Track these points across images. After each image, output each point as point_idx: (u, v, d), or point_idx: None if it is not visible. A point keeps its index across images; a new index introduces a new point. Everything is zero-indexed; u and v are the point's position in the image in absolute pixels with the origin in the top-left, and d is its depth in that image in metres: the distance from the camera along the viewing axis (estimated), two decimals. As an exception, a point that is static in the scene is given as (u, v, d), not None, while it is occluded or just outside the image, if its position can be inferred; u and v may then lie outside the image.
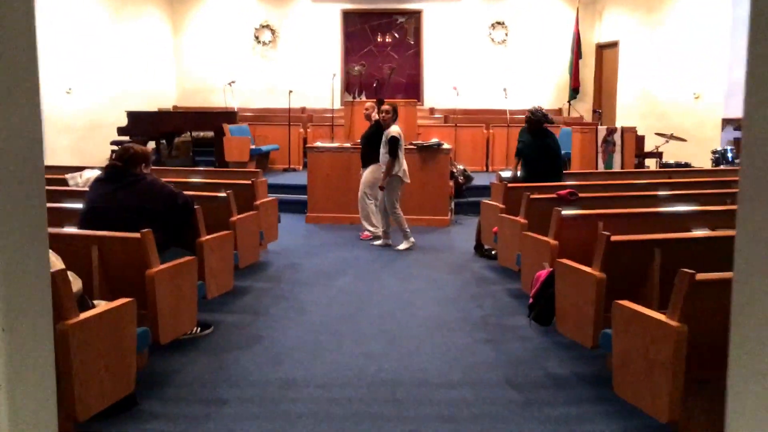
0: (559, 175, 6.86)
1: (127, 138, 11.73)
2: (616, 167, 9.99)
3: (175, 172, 7.61)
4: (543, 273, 4.23)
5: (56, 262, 3.01)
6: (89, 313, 2.79)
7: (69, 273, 3.05)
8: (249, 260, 5.66)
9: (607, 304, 3.57)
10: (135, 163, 4.32)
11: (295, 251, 7.43)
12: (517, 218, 5.51)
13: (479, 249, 7.28)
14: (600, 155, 9.98)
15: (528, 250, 4.97)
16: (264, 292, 5.78)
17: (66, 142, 11.65)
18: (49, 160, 11.15)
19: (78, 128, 11.97)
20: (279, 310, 5.29)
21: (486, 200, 6.75)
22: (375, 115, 8.11)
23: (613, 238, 3.67)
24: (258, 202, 6.36)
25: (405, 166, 7.57)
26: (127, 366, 3.02)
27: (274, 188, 10.04)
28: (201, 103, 14.93)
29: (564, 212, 4.61)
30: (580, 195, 5.60)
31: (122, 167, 4.27)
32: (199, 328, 4.62)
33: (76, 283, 3.07)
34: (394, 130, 7.44)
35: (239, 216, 5.51)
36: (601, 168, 9.96)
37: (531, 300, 4.28)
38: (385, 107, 7.59)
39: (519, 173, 7.12)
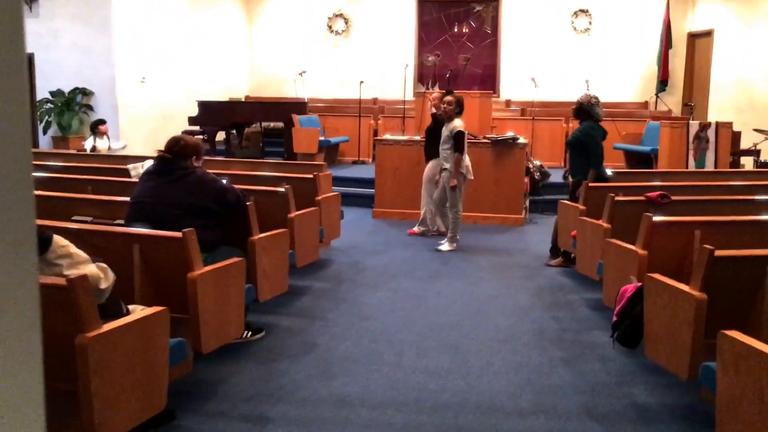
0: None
1: (197, 128, 11.71)
2: (709, 166, 9.19)
3: (237, 164, 7.40)
4: (630, 288, 3.72)
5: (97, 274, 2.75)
6: (113, 325, 2.51)
7: (99, 266, 2.79)
8: (307, 259, 5.35)
9: (707, 329, 3.05)
10: (185, 156, 4.06)
11: (359, 249, 7.10)
12: (600, 222, 4.98)
13: (555, 252, 6.76)
14: (691, 153, 9.21)
15: (612, 259, 4.45)
16: (323, 294, 5.46)
17: (139, 132, 11.71)
18: (123, 149, 11.27)
19: (151, 118, 12.01)
20: (337, 315, 4.95)
21: (564, 200, 6.21)
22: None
23: (718, 252, 3.13)
24: (320, 198, 6.04)
25: (468, 161, 7.12)
26: (158, 382, 2.73)
27: (341, 181, 9.77)
28: (273, 94, 14.82)
29: (655, 218, 4.07)
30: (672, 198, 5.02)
31: (172, 159, 4.01)
32: (250, 333, 4.34)
33: (106, 279, 2.80)
34: (459, 123, 6.99)
35: (298, 213, 5.20)
36: (692, 167, 9.19)
37: (615, 318, 3.78)
38: (448, 98, 7.13)
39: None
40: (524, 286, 5.77)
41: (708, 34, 13.13)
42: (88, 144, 10.02)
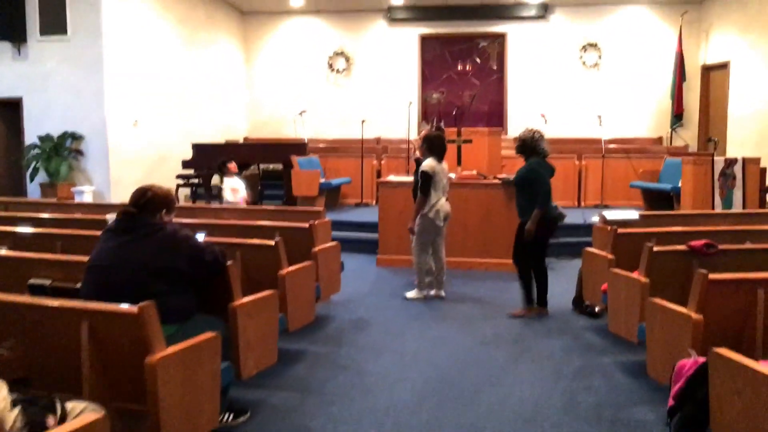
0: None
1: (191, 171, 11.18)
2: (737, 205, 8.56)
3: (224, 212, 6.82)
4: (688, 364, 3.07)
5: None
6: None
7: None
8: (301, 322, 4.71)
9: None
10: (153, 209, 3.46)
11: (362, 303, 6.45)
12: (636, 276, 4.34)
13: (579, 304, 6.10)
14: (717, 191, 8.59)
15: (657, 323, 3.79)
16: (320, 360, 4.80)
17: (132, 176, 11.17)
18: (114, 195, 10.72)
19: (145, 161, 11.49)
20: (335, 387, 4.29)
21: (590, 249, 5.56)
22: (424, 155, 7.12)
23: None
24: (317, 249, 5.43)
25: (441, 206, 6.47)
26: None
27: (342, 226, 9.17)
28: (272, 135, 14.35)
29: (711, 276, 3.42)
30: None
31: (136, 214, 3.41)
32: (231, 415, 3.68)
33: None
34: (426, 163, 6.45)
35: (290, 269, 4.58)
36: (718, 206, 8.56)
37: (672, 401, 3.11)
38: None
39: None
40: (548, 347, 5.09)
41: (723, 66, 12.64)
42: (217, 183, 9.61)
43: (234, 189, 8.51)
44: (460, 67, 14.51)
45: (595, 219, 9.79)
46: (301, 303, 4.67)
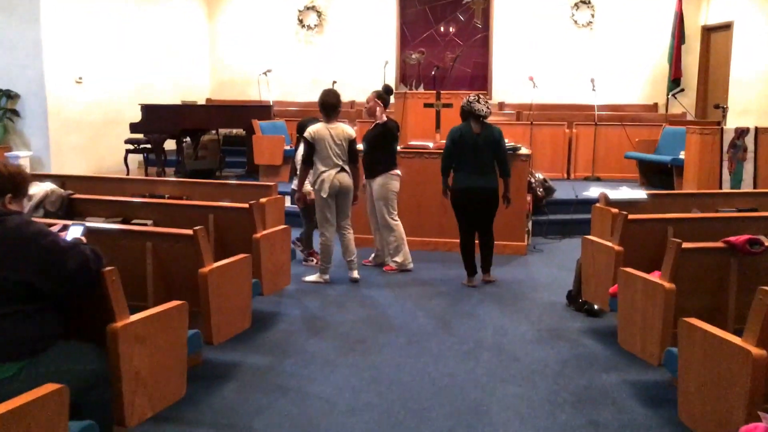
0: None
1: (141, 136, 10.04)
2: (747, 180, 7.65)
3: (135, 183, 5.79)
4: (760, 429, 2.12)
5: None
6: None
7: None
8: (226, 335, 3.70)
9: None
10: (-8, 194, 2.43)
11: (319, 294, 5.47)
12: (656, 279, 3.38)
13: (575, 300, 5.16)
14: (726, 164, 7.66)
15: (695, 351, 2.81)
16: (255, 379, 3.81)
17: (75, 140, 10.02)
18: (55, 165, 9.58)
19: (90, 124, 10.31)
20: (268, 421, 3.31)
21: (591, 238, 4.59)
22: (380, 112, 6.11)
23: None
24: (259, 235, 4.42)
25: (327, 176, 5.63)
26: None
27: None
28: (238, 96, 13.16)
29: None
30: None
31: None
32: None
33: None
34: (310, 128, 5.70)
35: (214, 266, 3.57)
36: (726, 181, 7.64)
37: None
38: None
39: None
40: (540, 359, 4.15)
41: (726, 27, 11.62)
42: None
43: None
44: (442, 25, 13.37)
45: (589, 194, 8.90)
46: (227, 313, 3.67)
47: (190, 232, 3.51)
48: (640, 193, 5.24)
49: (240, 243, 4.44)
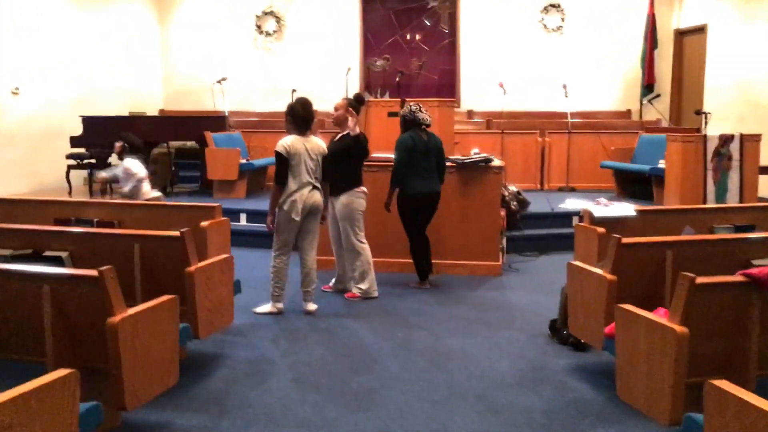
0: None
1: (82, 150, 9.28)
2: (733, 190, 7.19)
3: (69, 206, 5.08)
4: None
5: None
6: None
7: None
8: (144, 398, 3.03)
9: None
10: None
11: (270, 329, 4.81)
12: (664, 320, 2.80)
13: (558, 332, 4.59)
14: (710, 174, 7.19)
15: (727, 421, 2.23)
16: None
17: (12, 155, 9.23)
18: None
19: (29, 137, 9.54)
20: None
21: (577, 264, 4.00)
22: (352, 123, 5.49)
23: None
24: (192, 268, 3.76)
25: (300, 196, 5.02)
26: None
27: (261, 217, 7.46)
28: (193, 107, 12.42)
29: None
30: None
31: None
32: None
33: None
34: (282, 142, 5.11)
35: (130, 312, 2.90)
36: (711, 192, 7.17)
37: None
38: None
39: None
40: (523, 408, 3.54)
41: (700, 30, 11.26)
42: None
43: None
44: (408, 30, 12.83)
45: (565, 206, 8.38)
46: (149, 365, 3.00)
47: (94, 273, 2.84)
48: (628, 209, 4.69)
49: (173, 278, 3.79)
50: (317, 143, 5.18)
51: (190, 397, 3.65)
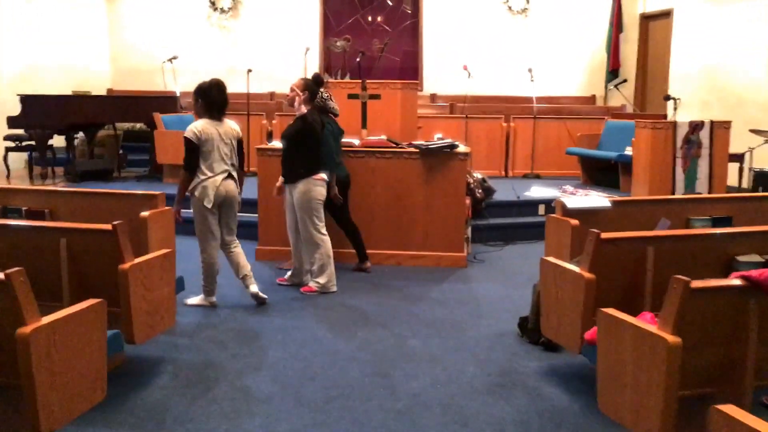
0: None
1: (21, 131, 8.69)
2: (702, 178, 7.01)
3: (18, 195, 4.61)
4: None
5: None
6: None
7: None
8: (65, 419, 2.63)
9: None
10: None
11: (221, 328, 4.43)
12: (653, 328, 2.51)
13: (528, 331, 4.30)
14: (679, 162, 6.99)
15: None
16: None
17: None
18: None
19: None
20: None
21: (550, 259, 3.70)
22: (297, 102, 5.12)
23: None
24: (126, 266, 3.35)
25: (211, 183, 4.69)
26: None
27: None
28: (143, 87, 11.79)
29: None
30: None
31: None
32: None
33: None
34: (192, 127, 4.82)
35: (40, 322, 2.49)
36: (680, 180, 6.99)
37: None
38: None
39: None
40: (494, 419, 3.24)
41: (665, 14, 11.08)
42: None
43: None
44: (369, 10, 12.40)
45: (530, 194, 8.13)
46: (70, 380, 2.60)
47: (0, 275, 2.43)
48: (602, 201, 4.42)
49: (106, 277, 3.39)
50: (231, 126, 4.84)
51: (124, 410, 3.26)
